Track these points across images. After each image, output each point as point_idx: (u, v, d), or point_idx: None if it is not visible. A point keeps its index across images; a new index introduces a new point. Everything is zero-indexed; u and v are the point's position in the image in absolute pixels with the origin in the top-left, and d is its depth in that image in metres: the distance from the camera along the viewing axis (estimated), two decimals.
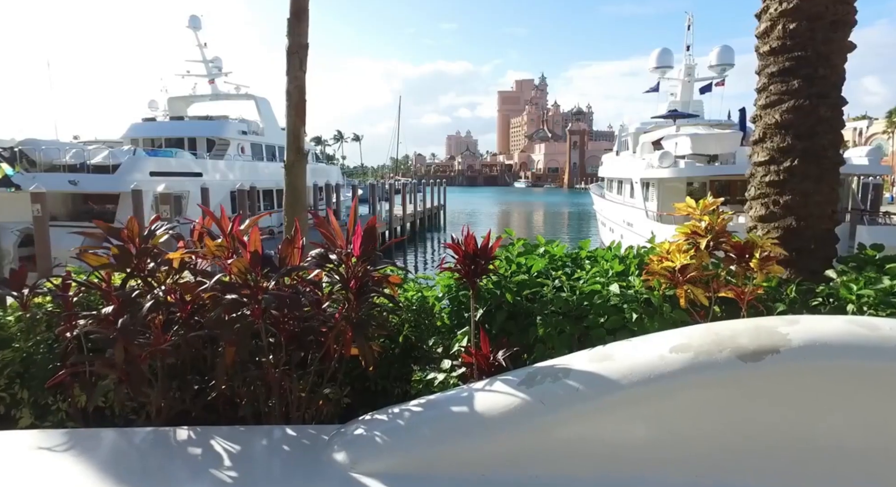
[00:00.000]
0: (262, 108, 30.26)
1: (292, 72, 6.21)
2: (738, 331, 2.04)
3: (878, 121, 65.39)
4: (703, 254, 2.77)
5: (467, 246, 2.77)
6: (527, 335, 3.07)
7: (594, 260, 3.49)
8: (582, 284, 3.02)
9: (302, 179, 6.46)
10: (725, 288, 2.84)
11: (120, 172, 18.96)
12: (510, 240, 3.97)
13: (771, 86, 3.62)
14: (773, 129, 3.62)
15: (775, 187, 3.63)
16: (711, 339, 2.00)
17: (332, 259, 2.88)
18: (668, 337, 2.17)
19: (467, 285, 2.98)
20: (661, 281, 2.86)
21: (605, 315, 2.83)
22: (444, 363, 3.17)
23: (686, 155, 19.69)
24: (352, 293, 2.86)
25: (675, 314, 2.80)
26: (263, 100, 30.60)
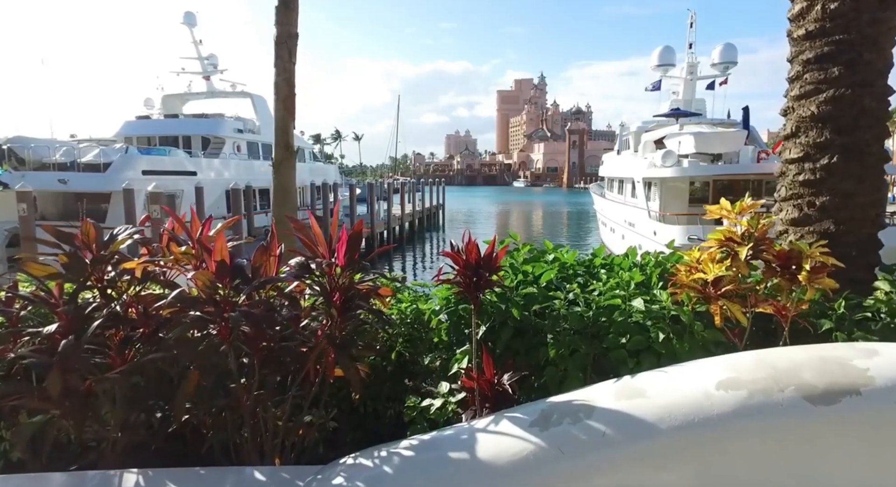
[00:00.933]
0: (258, 106, 29.83)
1: (281, 63, 5.83)
2: (798, 363, 1.67)
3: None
4: (741, 265, 2.40)
5: (469, 254, 2.40)
6: (536, 355, 2.70)
7: (610, 269, 3.11)
8: (598, 297, 2.65)
9: (291, 178, 6.09)
10: (764, 304, 2.47)
11: (111, 171, 18.54)
12: (514, 244, 3.59)
13: (806, 75, 3.25)
14: (808, 123, 3.24)
15: (810, 187, 3.26)
16: (767, 373, 1.63)
17: (314, 269, 2.51)
18: (710, 367, 1.80)
19: (468, 298, 2.61)
20: (691, 295, 2.49)
21: (627, 334, 2.46)
22: (441, 386, 2.79)
23: (689, 154, 19.32)
24: (335, 308, 2.49)
25: (707, 334, 2.43)
26: (260, 97, 30.16)
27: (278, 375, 2.54)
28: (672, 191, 19.26)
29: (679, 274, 2.60)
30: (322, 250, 2.54)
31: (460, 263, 2.45)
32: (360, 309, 2.42)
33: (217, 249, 2.25)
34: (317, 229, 2.55)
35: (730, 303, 2.39)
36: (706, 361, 1.87)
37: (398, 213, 34.31)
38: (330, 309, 2.47)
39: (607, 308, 2.57)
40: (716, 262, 2.49)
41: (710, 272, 2.45)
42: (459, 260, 2.44)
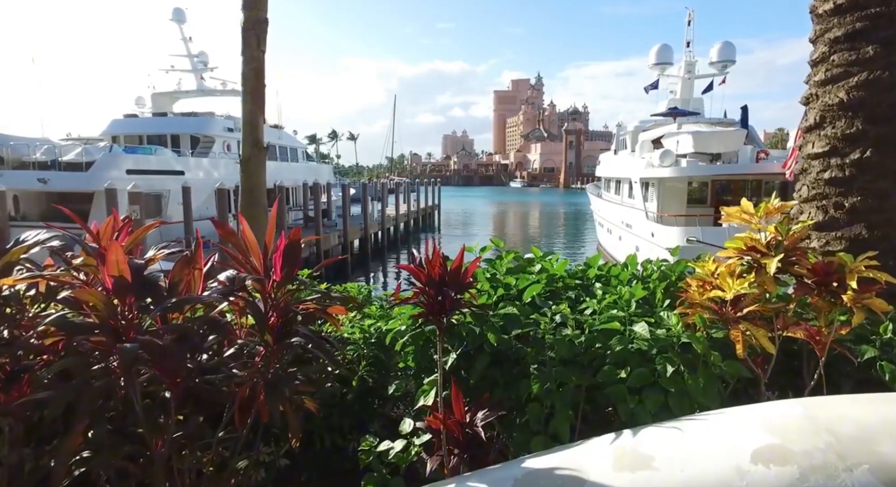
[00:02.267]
0: None
1: (248, 51, 5.34)
2: (864, 425, 1.22)
3: None
4: (768, 280, 1.95)
5: (431, 268, 1.94)
6: (517, 387, 2.24)
7: (606, 282, 2.66)
8: (592, 319, 2.19)
9: (261, 176, 5.60)
10: (795, 328, 2.02)
11: (94, 170, 17.98)
12: (497, 251, 3.13)
13: (834, 56, 2.80)
14: (835, 111, 2.80)
15: (838, 186, 2.81)
16: (825, 442, 1.18)
17: (247, 285, 2.04)
18: (741, 425, 1.35)
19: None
20: (706, 317, 2.04)
21: (627, 365, 2.00)
22: (404, 423, 2.33)
23: (687, 153, 18.90)
24: (270, 333, 2.02)
25: (727, 366, 1.97)
26: None
27: (201, 416, 2.07)
28: (670, 192, 18.83)
29: (690, 290, 2.15)
30: (256, 262, 2.08)
31: (422, 278, 1.99)
32: (301, 336, 1.95)
33: (111, 261, 1.78)
34: (249, 236, 2.08)
35: (754, 328, 1.94)
36: (734, 413, 1.42)
37: (393, 214, 33.81)
38: (264, 336, 2.01)
39: (603, 332, 2.11)
40: (736, 277, 2.04)
41: (729, 289, 2.00)
42: (421, 274, 1.98)
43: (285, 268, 2.05)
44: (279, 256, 2.03)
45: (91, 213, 17.93)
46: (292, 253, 2.02)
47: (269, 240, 2.07)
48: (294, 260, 2.03)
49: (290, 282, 2.01)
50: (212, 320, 1.95)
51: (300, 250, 2.03)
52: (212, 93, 30.34)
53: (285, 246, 2.00)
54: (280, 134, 32.25)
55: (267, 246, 2.07)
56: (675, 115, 22.86)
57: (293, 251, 2.01)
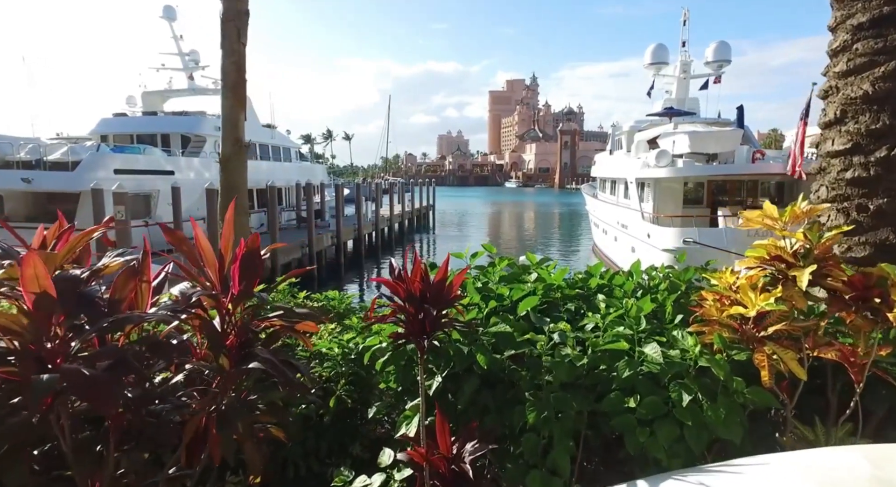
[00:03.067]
0: None
1: (228, 43, 5.07)
2: None
3: None
4: (796, 295, 1.70)
5: (411, 283, 1.68)
6: (511, 413, 1.98)
7: (609, 293, 2.40)
8: (595, 338, 1.94)
9: (241, 176, 5.32)
10: (827, 348, 1.77)
11: (80, 170, 17.57)
12: (489, 258, 2.88)
13: (857, 44, 2.56)
14: (858, 105, 2.56)
15: (861, 186, 2.57)
16: None
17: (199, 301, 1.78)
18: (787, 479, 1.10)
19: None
20: (725, 336, 1.79)
21: (636, 393, 1.75)
22: (383, 455, 2.07)
23: (684, 153, 18.70)
24: (228, 356, 1.76)
25: (752, 394, 1.72)
26: None
27: (147, 451, 1.80)
28: (666, 192, 18.63)
29: (706, 305, 1.90)
30: (211, 273, 1.81)
31: (400, 292, 1.73)
32: (260, 358, 1.67)
33: (28, 275, 1.50)
34: (204, 244, 1.81)
35: (781, 350, 1.69)
36: (778, 464, 1.17)
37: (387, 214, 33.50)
38: (219, 360, 1.74)
39: (608, 353, 1.85)
40: (759, 290, 1.79)
41: (752, 305, 1.75)
42: (399, 289, 1.72)
43: (244, 281, 1.78)
44: (236, 267, 1.76)
45: (77, 214, 17.55)
46: (251, 263, 1.75)
47: (226, 249, 1.80)
48: (253, 271, 1.77)
49: (249, 297, 1.75)
50: (153, 342, 1.68)
51: (261, 260, 1.77)
52: (203, 92, 29.93)
53: (243, 256, 1.73)
54: (273, 133, 31.89)
55: (223, 255, 1.80)
56: (670, 115, 22.70)
57: (252, 261, 1.75)
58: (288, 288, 3.67)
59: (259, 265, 1.76)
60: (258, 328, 1.88)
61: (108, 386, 1.48)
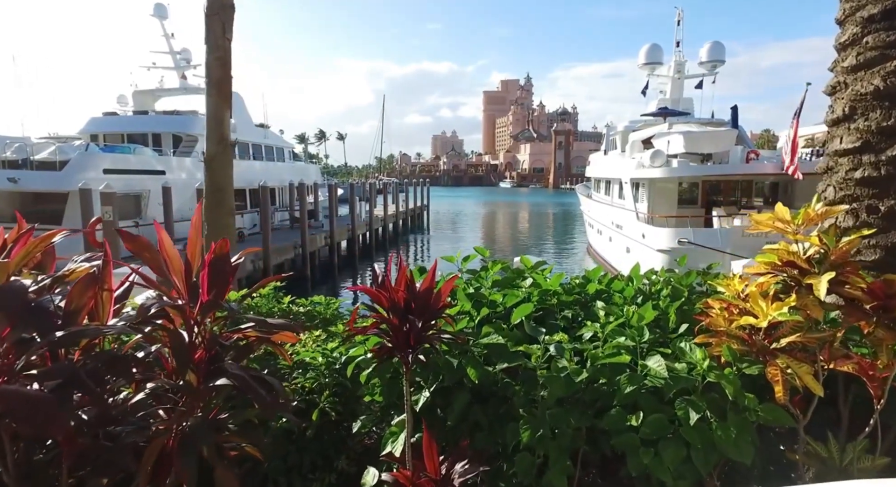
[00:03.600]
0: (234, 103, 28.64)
1: (213, 39, 4.90)
2: None
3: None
4: (811, 304, 1.57)
5: (394, 292, 1.54)
6: (504, 429, 1.84)
7: (608, 299, 2.27)
8: (594, 349, 1.80)
9: (227, 176, 5.14)
10: (844, 361, 1.64)
11: (68, 169, 17.28)
12: (482, 261, 2.74)
13: (867, 37, 2.44)
14: (868, 101, 2.44)
15: (871, 186, 2.45)
16: None
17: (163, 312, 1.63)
18: None
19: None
20: (735, 347, 1.66)
21: (639, 410, 1.62)
22: (367, 474, 1.93)
23: (678, 154, 18.64)
24: (195, 371, 1.61)
25: (765, 411, 1.59)
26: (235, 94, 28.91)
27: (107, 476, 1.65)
28: (660, 192, 18.56)
29: (713, 314, 1.76)
30: (178, 281, 1.66)
31: (384, 302, 1.58)
32: (225, 376, 1.52)
33: None
34: (169, 249, 1.66)
35: (795, 363, 1.56)
36: None
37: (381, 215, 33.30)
38: (185, 376, 1.59)
39: (609, 366, 1.72)
40: (770, 299, 1.66)
41: (763, 314, 1.62)
42: (382, 298, 1.58)
43: (213, 289, 1.63)
44: (205, 275, 1.62)
45: (66, 215, 17.27)
46: (221, 269, 1.60)
47: (193, 255, 1.65)
48: (223, 278, 1.62)
49: (217, 307, 1.60)
50: (112, 357, 1.52)
51: (230, 265, 1.62)
52: (195, 91, 29.60)
53: (211, 263, 1.58)
54: (266, 133, 31.65)
55: (191, 261, 1.65)
56: (665, 115, 22.65)
57: (222, 267, 1.60)
58: (272, 292, 3.52)
59: (230, 272, 1.61)
60: (230, 340, 1.73)
61: (53, 407, 1.33)
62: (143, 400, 1.54)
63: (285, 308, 3.34)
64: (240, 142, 28.55)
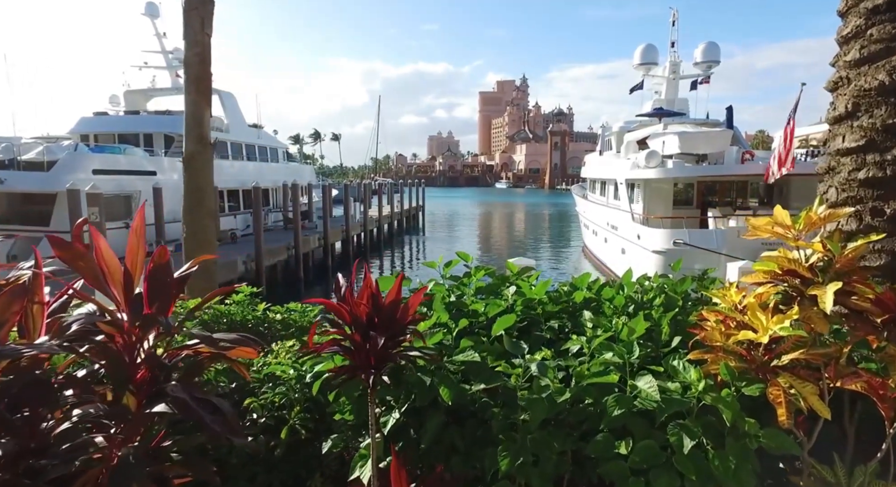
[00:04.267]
0: (226, 104, 28.37)
1: (191, 34, 4.73)
2: None
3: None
4: (816, 318, 1.42)
5: (356, 306, 1.38)
6: (483, 453, 1.69)
7: (597, 309, 2.12)
8: (580, 366, 1.65)
9: (207, 176, 4.97)
10: (852, 379, 1.50)
11: (56, 170, 17.04)
12: (465, 267, 2.59)
13: (872, 30, 2.30)
14: (873, 97, 2.30)
15: (876, 187, 2.31)
16: None
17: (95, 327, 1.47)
18: None
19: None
20: (732, 365, 1.51)
21: (629, 434, 1.47)
22: None
23: (673, 154, 18.55)
24: (135, 393, 1.45)
25: (766, 437, 1.44)
26: (228, 94, 28.71)
27: None
28: (656, 193, 18.46)
29: (709, 327, 1.61)
30: (116, 293, 1.49)
31: (345, 316, 1.43)
32: (164, 401, 1.36)
33: None
34: (107, 256, 1.49)
35: (798, 382, 1.41)
36: None
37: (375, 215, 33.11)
38: (123, 399, 1.43)
39: (595, 386, 1.57)
40: (770, 311, 1.51)
41: (763, 328, 1.47)
42: (343, 312, 1.42)
43: (154, 302, 1.47)
44: (146, 287, 1.45)
45: (54, 216, 17.03)
46: (161, 279, 1.44)
47: (134, 264, 1.49)
48: (165, 288, 1.46)
49: (154, 323, 1.43)
50: (31, 380, 1.36)
51: (172, 276, 1.46)
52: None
53: (150, 274, 1.42)
54: (259, 133, 31.42)
55: (131, 271, 1.48)
56: (660, 116, 22.57)
57: (162, 277, 1.44)
58: (247, 298, 3.35)
59: (171, 284, 1.45)
60: (178, 357, 1.57)
61: None
62: (71, 428, 1.37)
63: (260, 315, 3.18)
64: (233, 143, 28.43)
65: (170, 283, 1.45)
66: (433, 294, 2.34)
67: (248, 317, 3.16)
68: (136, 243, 1.49)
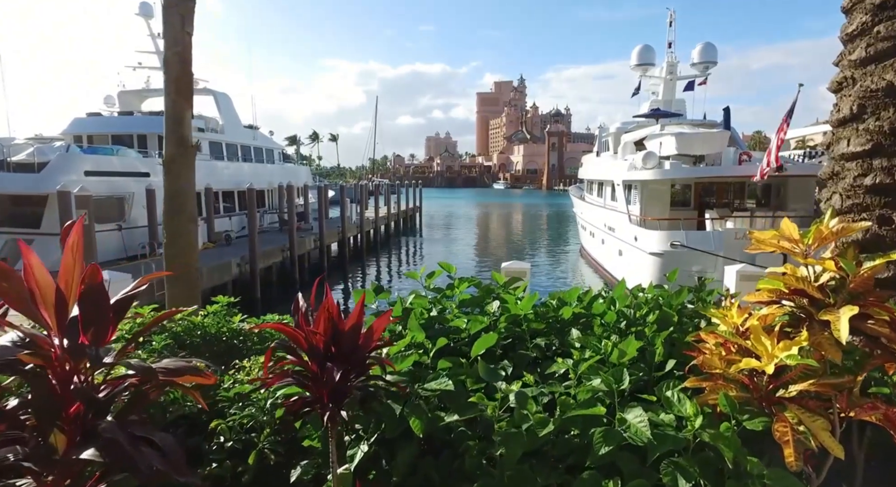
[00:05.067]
0: (221, 104, 28.20)
1: (171, 33, 4.57)
2: None
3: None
4: (827, 344, 1.28)
5: (311, 335, 1.23)
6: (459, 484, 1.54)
7: (587, 325, 1.97)
8: (566, 394, 1.50)
9: (188, 179, 4.81)
10: (868, 410, 1.35)
11: (47, 171, 16.82)
12: (448, 278, 2.44)
13: (879, 27, 2.16)
14: (880, 99, 2.16)
15: (884, 194, 2.17)
16: None
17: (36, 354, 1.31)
18: None
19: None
20: (733, 395, 1.37)
21: (618, 473, 1.32)
22: None
23: (671, 155, 18.43)
24: (64, 430, 1.30)
25: (770, 479, 1.29)
26: (223, 95, 28.53)
27: None
28: (653, 194, 18.33)
29: (706, 350, 1.47)
30: (47, 316, 1.34)
31: (301, 345, 1.27)
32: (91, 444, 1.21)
33: None
34: (39, 274, 1.34)
35: (809, 417, 1.26)
36: None
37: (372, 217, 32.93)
38: (50, 438, 1.27)
39: (582, 417, 1.42)
40: (776, 336, 1.36)
41: (769, 356, 1.32)
42: (299, 338, 1.27)
43: (91, 327, 1.31)
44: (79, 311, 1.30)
45: (45, 218, 16.81)
46: (95, 302, 1.29)
47: (68, 285, 1.33)
48: (101, 312, 1.30)
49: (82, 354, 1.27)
50: None
51: (107, 297, 1.31)
52: None
53: (82, 296, 1.27)
54: (255, 134, 31.24)
55: (65, 292, 1.33)
56: (657, 117, 22.45)
57: (96, 299, 1.28)
58: (224, 309, 3.20)
59: (106, 308, 1.30)
60: (121, 386, 1.41)
61: None
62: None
63: (235, 328, 3.02)
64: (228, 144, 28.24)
65: (106, 307, 1.30)
66: (413, 307, 2.19)
67: (223, 330, 3.01)
68: (71, 261, 1.33)
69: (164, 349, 2.76)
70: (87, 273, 1.28)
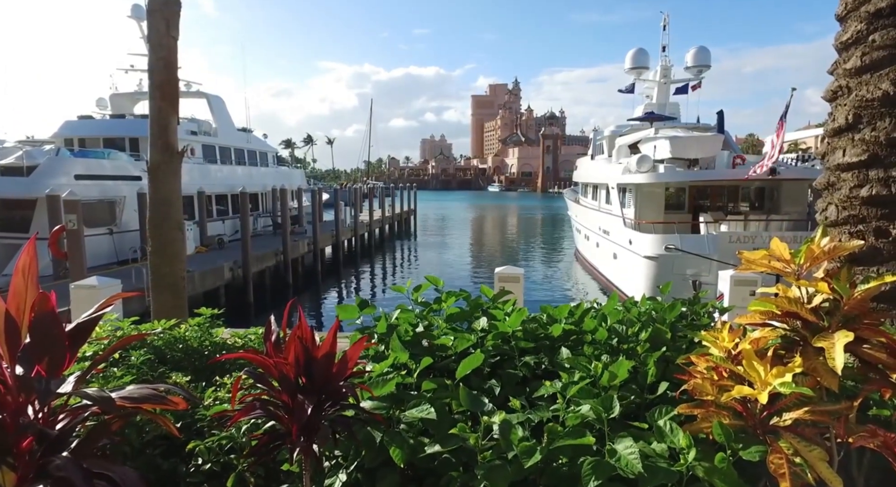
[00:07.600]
0: (214, 107, 28.07)
1: (156, 37, 4.49)
2: None
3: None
4: (822, 370, 1.22)
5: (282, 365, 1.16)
6: None
7: (578, 343, 1.91)
8: (553, 420, 1.43)
9: (174, 186, 4.71)
10: (865, 437, 1.29)
11: (36, 175, 16.65)
12: (436, 293, 2.37)
13: (874, 35, 2.11)
14: (875, 108, 2.11)
15: (881, 206, 2.12)
16: None
17: None
18: None
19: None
20: (726, 422, 1.31)
21: None
22: None
23: (665, 159, 18.45)
24: (15, 468, 1.22)
25: None
26: (217, 98, 28.40)
27: None
28: (647, 198, 18.34)
29: (697, 374, 1.40)
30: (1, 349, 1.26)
31: (272, 372, 1.20)
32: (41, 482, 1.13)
33: None
34: None
35: (805, 446, 1.20)
36: None
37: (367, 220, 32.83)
38: None
39: (568, 449, 1.35)
40: (770, 360, 1.30)
41: (762, 382, 1.26)
42: (270, 366, 1.20)
43: (45, 357, 1.24)
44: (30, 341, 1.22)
45: (34, 222, 16.63)
46: (48, 331, 1.21)
47: (19, 311, 1.25)
48: (55, 341, 1.22)
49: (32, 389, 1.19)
50: None
51: (60, 325, 1.23)
52: None
53: (32, 325, 1.19)
54: (248, 137, 31.10)
55: (17, 319, 1.25)
56: (651, 120, 22.50)
57: (48, 328, 1.20)
58: (206, 320, 3.11)
59: (60, 336, 1.22)
60: (80, 416, 1.33)
61: None
62: None
63: (218, 341, 2.94)
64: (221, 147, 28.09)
65: (59, 334, 1.22)
66: (398, 323, 2.12)
67: (205, 343, 2.92)
68: (22, 285, 1.25)
69: (144, 364, 2.67)
70: (37, 301, 1.20)
